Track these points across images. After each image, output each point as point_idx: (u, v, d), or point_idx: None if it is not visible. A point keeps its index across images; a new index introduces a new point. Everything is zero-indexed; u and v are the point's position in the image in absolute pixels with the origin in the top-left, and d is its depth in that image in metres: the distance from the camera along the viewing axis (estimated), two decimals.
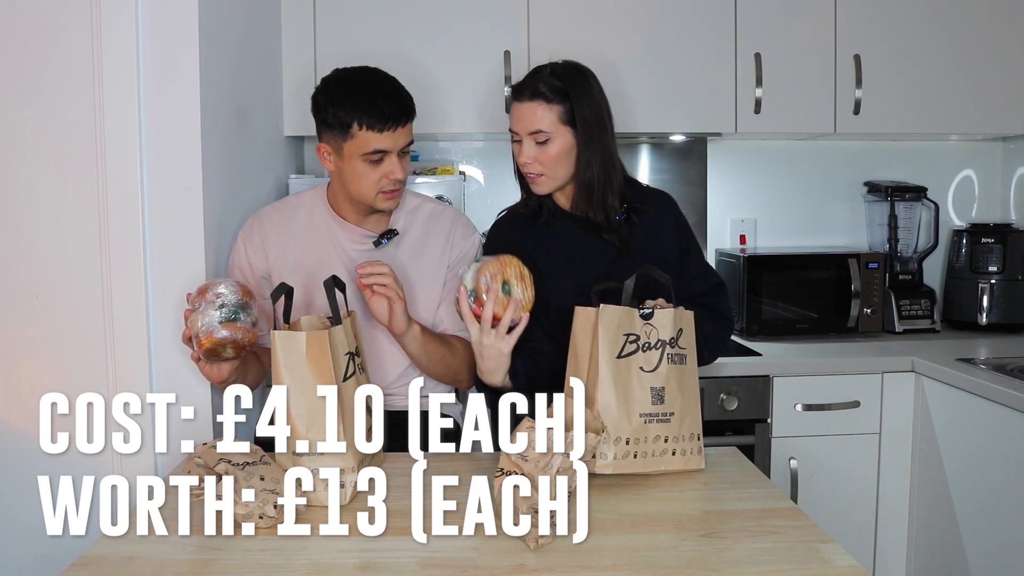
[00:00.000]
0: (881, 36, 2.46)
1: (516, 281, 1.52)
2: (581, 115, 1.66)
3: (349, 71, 1.66)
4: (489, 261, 1.53)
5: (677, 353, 1.46)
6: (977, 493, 2.06)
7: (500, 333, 1.53)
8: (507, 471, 1.24)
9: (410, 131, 1.65)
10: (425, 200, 1.83)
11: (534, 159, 1.66)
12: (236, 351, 1.45)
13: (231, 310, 1.44)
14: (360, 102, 1.59)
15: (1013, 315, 2.59)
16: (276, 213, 1.78)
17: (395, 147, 1.62)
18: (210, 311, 1.43)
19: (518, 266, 1.54)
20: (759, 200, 2.81)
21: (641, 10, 2.40)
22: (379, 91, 1.61)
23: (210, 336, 1.42)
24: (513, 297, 1.52)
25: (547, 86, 1.65)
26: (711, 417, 2.20)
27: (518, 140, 1.69)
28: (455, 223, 1.79)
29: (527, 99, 1.66)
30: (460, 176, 2.43)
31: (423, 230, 1.77)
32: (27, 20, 1.58)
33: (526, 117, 1.66)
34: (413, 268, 1.73)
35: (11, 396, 1.62)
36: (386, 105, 1.59)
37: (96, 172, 1.59)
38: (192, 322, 1.43)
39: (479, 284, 1.51)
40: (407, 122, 1.63)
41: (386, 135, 1.60)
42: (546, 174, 1.68)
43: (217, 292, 1.44)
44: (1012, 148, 2.84)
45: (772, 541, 1.20)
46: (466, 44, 2.36)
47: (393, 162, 1.63)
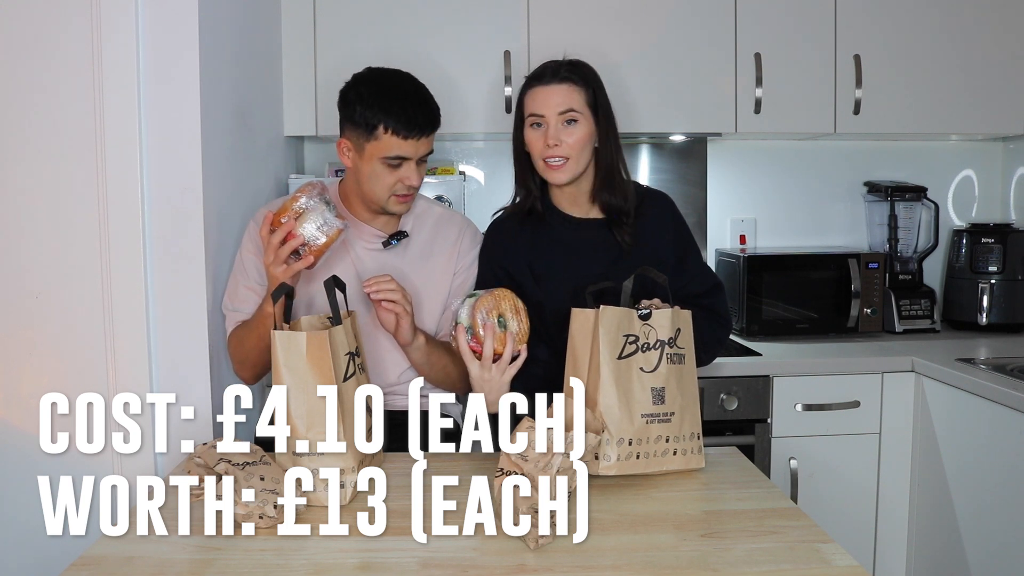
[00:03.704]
0: (881, 36, 2.46)
1: (511, 314, 1.54)
2: (602, 104, 1.67)
3: (383, 72, 1.67)
4: (483, 296, 1.54)
5: (676, 353, 1.46)
6: (977, 493, 2.06)
7: (502, 367, 1.53)
8: (507, 471, 1.24)
9: (432, 140, 1.66)
10: (433, 205, 1.84)
11: (561, 141, 1.63)
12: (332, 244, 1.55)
13: (333, 207, 1.55)
14: (390, 106, 1.60)
15: (1013, 315, 2.59)
16: None
17: (416, 154, 1.63)
18: (322, 209, 1.51)
19: (512, 299, 1.55)
20: (759, 200, 2.81)
21: (641, 10, 2.40)
22: (410, 98, 1.62)
23: (334, 231, 1.52)
24: (509, 331, 1.53)
25: (573, 72, 1.66)
26: (711, 417, 2.20)
27: (539, 124, 1.65)
28: (463, 231, 1.80)
29: (556, 82, 1.65)
30: (460, 176, 2.43)
31: (431, 235, 1.78)
32: (27, 20, 1.58)
33: (556, 97, 1.64)
34: (419, 272, 1.74)
35: (11, 396, 1.62)
36: (416, 113, 1.60)
37: (96, 172, 1.59)
38: (305, 228, 1.50)
39: (475, 320, 1.52)
40: (432, 132, 1.64)
41: (410, 142, 1.61)
42: (571, 158, 1.65)
43: (319, 192, 1.52)
44: (1012, 148, 2.84)
45: (772, 541, 1.20)
46: (466, 44, 2.37)
47: (411, 168, 1.64)
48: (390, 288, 1.54)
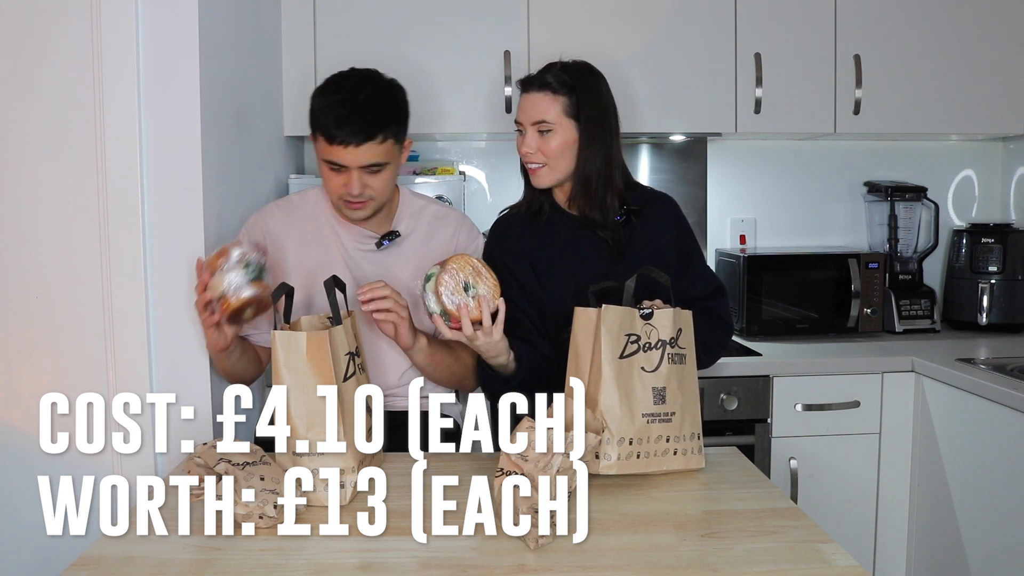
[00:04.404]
0: (881, 36, 2.46)
1: (474, 278, 1.50)
2: (585, 110, 1.66)
3: (340, 76, 1.66)
4: (438, 275, 1.48)
5: (677, 353, 1.46)
6: (977, 493, 2.06)
7: (487, 330, 1.51)
8: (507, 471, 1.24)
9: (380, 151, 1.60)
10: (429, 202, 1.82)
11: (536, 149, 1.67)
12: (256, 311, 1.47)
13: (256, 269, 1.47)
14: (323, 108, 1.59)
15: (1013, 315, 2.59)
16: (279, 211, 1.78)
17: (354, 163, 1.59)
18: (237, 270, 1.45)
19: (468, 263, 1.50)
20: (759, 200, 2.81)
21: (641, 10, 2.40)
22: (342, 104, 1.58)
23: (238, 295, 1.44)
24: (481, 296, 1.50)
25: (555, 79, 1.67)
26: (711, 417, 2.20)
27: (522, 131, 1.70)
28: (459, 227, 1.79)
29: (534, 90, 1.68)
30: (460, 176, 2.43)
31: (426, 232, 1.77)
32: (27, 21, 1.58)
33: (531, 107, 1.67)
34: (415, 271, 1.72)
35: (11, 396, 1.62)
36: (343, 121, 1.57)
37: (96, 172, 1.59)
38: (214, 284, 1.44)
39: (443, 303, 1.48)
40: (367, 141, 1.57)
41: (337, 149, 1.58)
42: (547, 165, 1.68)
43: (241, 252, 1.46)
44: (1012, 148, 2.84)
45: (772, 541, 1.20)
46: (466, 44, 2.36)
47: (351, 176, 1.60)
48: (382, 296, 1.52)
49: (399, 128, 1.63)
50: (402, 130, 1.65)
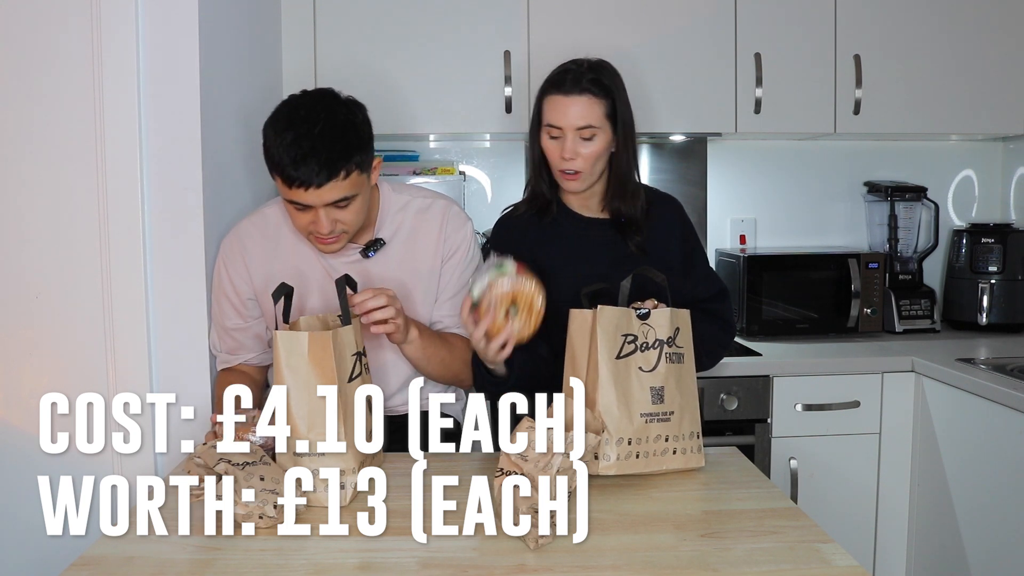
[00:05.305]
0: (881, 36, 2.46)
1: (524, 313, 1.46)
2: (622, 112, 1.65)
3: (294, 102, 1.53)
4: (506, 279, 1.44)
5: (675, 352, 1.46)
6: (977, 493, 2.06)
7: (491, 347, 1.49)
8: (507, 471, 1.24)
9: (345, 186, 1.49)
10: (413, 197, 1.73)
11: (578, 155, 1.62)
12: None
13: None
14: (277, 148, 1.47)
15: (1013, 315, 2.59)
16: (255, 230, 1.69)
17: (318, 203, 1.49)
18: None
19: (530, 298, 1.46)
20: (759, 200, 2.81)
21: (641, 10, 2.40)
22: (296, 143, 1.46)
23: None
24: (510, 325, 1.47)
25: (593, 81, 1.62)
26: (711, 417, 2.20)
27: (556, 136, 1.64)
28: (446, 215, 1.71)
29: (576, 93, 1.61)
30: (460, 176, 2.43)
31: (412, 227, 1.70)
32: (27, 20, 1.58)
33: (576, 111, 1.61)
34: (406, 269, 1.69)
35: (11, 396, 1.62)
36: (300, 161, 1.45)
37: (96, 172, 1.59)
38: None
39: (484, 300, 1.46)
40: (329, 179, 1.46)
41: (298, 191, 1.47)
42: (585, 171, 1.64)
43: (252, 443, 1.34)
44: (1012, 148, 2.84)
45: (772, 541, 1.20)
46: (466, 44, 2.36)
47: (318, 215, 1.51)
48: (379, 306, 1.47)
49: (363, 155, 1.52)
50: (367, 156, 1.53)
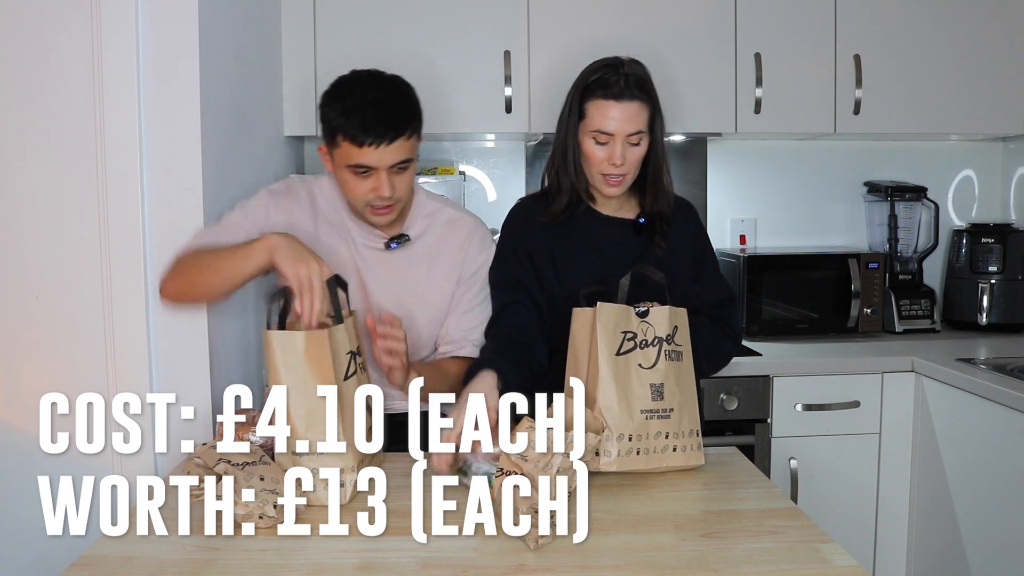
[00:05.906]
0: (881, 36, 2.46)
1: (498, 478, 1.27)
2: (660, 117, 1.65)
3: (355, 76, 1.59)
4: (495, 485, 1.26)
5: (674, 350, 1.46)
6: (977, 493, 2.06)
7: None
8: (507, 471, 1.24)
9: (407, 148, 1.55)
10: (445, 204, 1.76)
11: (625, 160, 1.61)
12: None
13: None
14: (344, 112, 1.52)
15: (1013, 315, 2.59)
16: (304, 191, 1.70)
17: (382, 164, 1.53)
18: None
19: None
20: (759, 200, 2.81)
21: (641, 10, 2.40)
22: (369, 104, 1.52)
23: None
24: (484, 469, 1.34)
25: (640, 87, 1.61)
26: (711, 417, 2.20)
27: (604, 142, 1.61)
28: (472, 233, 1.73)
29: (627, 99, 1.59)
30: (460, 176, 2.43)
31: (438, 236, 1.72)
32: (27, 20, 1.58)
33: (628, 118, 1.59)
34: (423, 274, 1.69)
35: (11, 396, 1.62)
36: (371, 120, 1.50)
37: (96, 172, 1.59)
38: None
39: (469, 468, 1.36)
40: (396, 138, 1.52)
41: (368, 150, 1.51)
42: (628, 175, 1.64)
43: None
44: (1012, 148, 2.84)
45: (772, 541, 1.20)
46: (466, 44, 2.36)
47: (380, 179, 1.54)
48: (397, 338, 1.48)
49: (419, 123, 1.59)
50: (420, 126, 1.60)
